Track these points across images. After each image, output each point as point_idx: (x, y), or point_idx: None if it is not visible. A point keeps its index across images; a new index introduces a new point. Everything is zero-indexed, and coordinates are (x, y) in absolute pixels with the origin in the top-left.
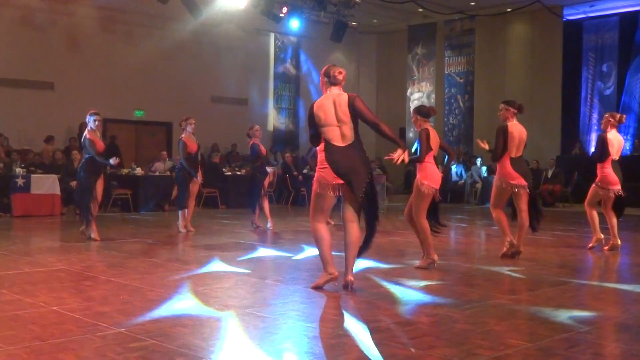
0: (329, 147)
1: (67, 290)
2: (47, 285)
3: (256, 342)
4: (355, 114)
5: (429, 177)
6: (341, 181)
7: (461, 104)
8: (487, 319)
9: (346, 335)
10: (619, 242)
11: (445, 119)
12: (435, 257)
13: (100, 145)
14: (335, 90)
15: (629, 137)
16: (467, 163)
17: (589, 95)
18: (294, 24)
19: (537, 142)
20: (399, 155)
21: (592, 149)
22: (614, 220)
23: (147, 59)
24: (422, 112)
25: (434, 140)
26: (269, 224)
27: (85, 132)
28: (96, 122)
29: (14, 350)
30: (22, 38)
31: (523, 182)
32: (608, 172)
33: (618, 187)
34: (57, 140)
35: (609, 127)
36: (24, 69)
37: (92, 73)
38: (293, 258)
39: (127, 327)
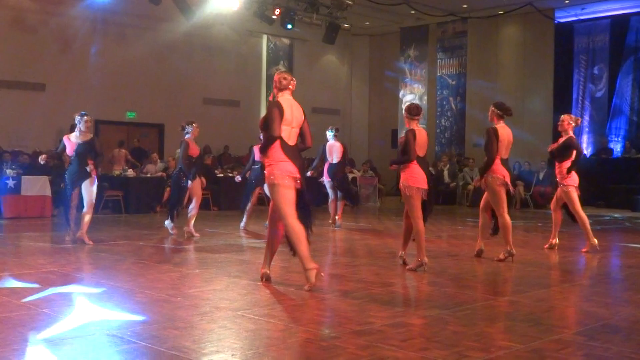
0: (285, 145)
1: (57, 292)
2: (37, 287)
3: (247, 344)
4: (302, 127)
5: (411, 178)
6: (299, 175)
7: (453, 106)
8: (479, 321)
9: (338, 338)
10: (557, 241)
11: (437, 121)
12: (426, 259)
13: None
14: (287, 95)
15: (619, 139)
16: (460, 165)
17: (580, 98)
18: (287, 26)
19: (528, 144)
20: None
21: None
22: (560, 219)
23: (139, 60)
24: (411, 111)
25: (421, 140)
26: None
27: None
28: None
29: (3, 353)
30: (13, 39)
31: (508, 181)
32: (574, 171)
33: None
34: (48, 142)
35: (570, 129)
36: (15, 70)
37: (84, 74)
38: (284, 260)
39: (117, 330)
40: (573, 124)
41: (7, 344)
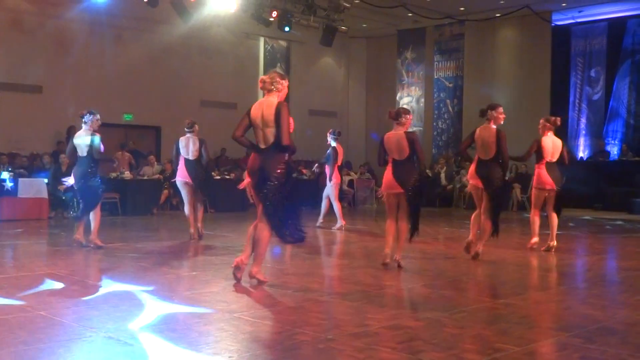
0: (254, 148)
1: (54, 294)
2: (34, 289)
3: (244, 347)
4: (276, 119)
5: (383, 183)
6: (248, 179)
7: (450, 108)
8: (476, 323)
9: (335, 340)
10: (556, 243)
11: (434, 124)
12: (388, 251)
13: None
14: (271, 97)
15: (616, 142)
16: (456, 167)
17: (577, 100)
18: (284, 28)
19: (525, 146)
20: None
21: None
22: (555, 221)
23: (136, 63)
24: (389, 115)
25: (389, 144)
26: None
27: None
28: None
29: (0, 356)
30: (10, 41)
31: (479, 184)
32: (542, 173)
33: (552, 186)
34: (45, 144)
35: (545, 131)
36: (12, 72)
37: (81, 76)
38: (281, 263)
39: (114, 332)
40: (549, 125)
41: (4, 347)
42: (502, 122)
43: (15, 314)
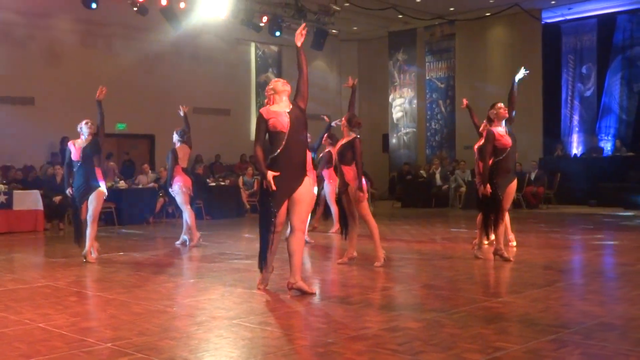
0: None
1: (52, 306)
2: (32, 301)
3: (244, 353)
4: None
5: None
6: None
7: (443, 109)
8: (475, 323)
9: (334, 344)
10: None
11: (427, 124)
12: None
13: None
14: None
15: (609, 138)
16: (450, 167)
17: (569, 97)
18: (275, 33)
19: (519, 145)
20: None
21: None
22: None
23: (127, 71)
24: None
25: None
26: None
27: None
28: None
29: None
30: (1, 53)
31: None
32: None
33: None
34: (39, 155)
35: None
36: (3, 85)
37: (73, 87)
38: (277, 267)
39: (114, 342)
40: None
41: (3, 359)
42: (505, 115)
43: (13, 326)
